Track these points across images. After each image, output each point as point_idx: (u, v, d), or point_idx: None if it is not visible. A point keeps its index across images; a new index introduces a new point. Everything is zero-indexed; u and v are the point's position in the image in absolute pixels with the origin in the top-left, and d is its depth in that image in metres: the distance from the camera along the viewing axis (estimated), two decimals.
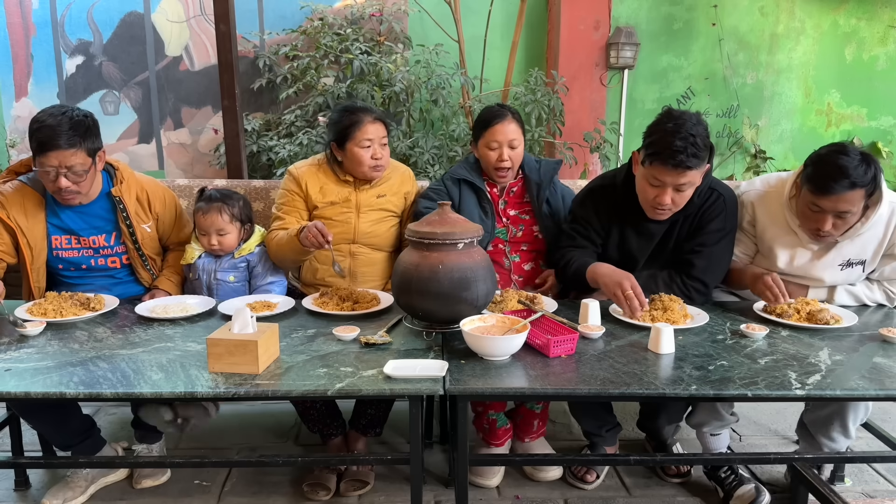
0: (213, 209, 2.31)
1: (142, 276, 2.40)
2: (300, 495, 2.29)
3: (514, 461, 2.45)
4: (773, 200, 2.27)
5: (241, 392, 1.56)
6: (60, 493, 2.22)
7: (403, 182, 2.58)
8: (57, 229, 2.26)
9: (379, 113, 2.46)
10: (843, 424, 2.11)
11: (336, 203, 2.45)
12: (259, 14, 4.79)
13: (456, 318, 1.87)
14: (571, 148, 4.37)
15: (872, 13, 4.99)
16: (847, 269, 2.23)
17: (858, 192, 2.00)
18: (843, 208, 2.03)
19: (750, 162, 5.13)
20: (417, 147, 4.22)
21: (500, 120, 2.44)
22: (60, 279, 2.32)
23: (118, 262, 2.35)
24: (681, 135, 2.01)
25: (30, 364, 1.70)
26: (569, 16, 4.72)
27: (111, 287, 2.34)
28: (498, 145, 2.43)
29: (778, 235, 2.26)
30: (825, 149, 2.08)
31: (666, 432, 2.49)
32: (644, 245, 2.30)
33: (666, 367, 1.70)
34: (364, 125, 2.37)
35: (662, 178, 2.07)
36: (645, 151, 2.12)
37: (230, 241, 2.34)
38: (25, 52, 4.78)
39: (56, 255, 2.27)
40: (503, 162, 2.43)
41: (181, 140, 4.95)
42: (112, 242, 2.32)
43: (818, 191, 2.02)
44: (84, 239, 2.28)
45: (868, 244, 2.20)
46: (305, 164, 2.52)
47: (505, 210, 2.55)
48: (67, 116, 2.07)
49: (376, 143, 2.40)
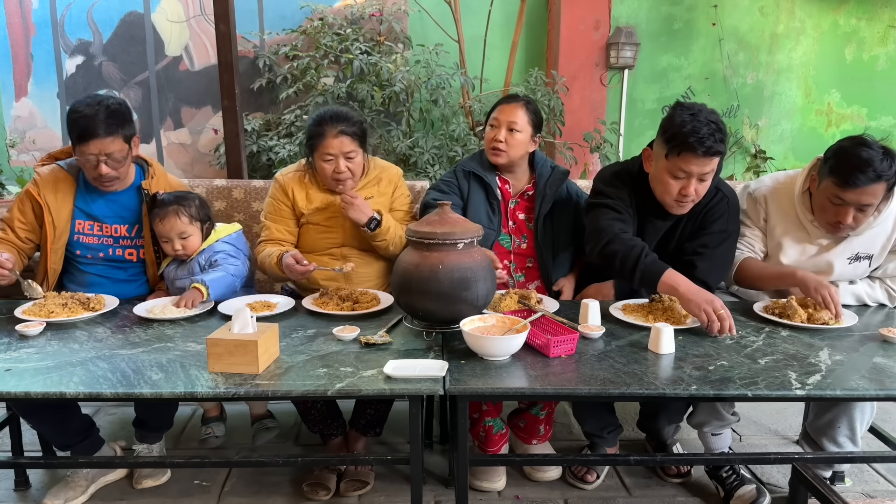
0: (169, 213, 2.24)
1: (151, 276, 2.41)
2: (300, 495, 2.29)
3: (514, 461, 2.45)
4: (784, 196, 2.28)
5: (241, 392, 1.56)
6: (61, 493, 2.22)
7: (390, 181, 2.54)
8: (82, 213, 2.32)
9: (348, 125, 2.34)
10: (850, 427, 2.09)
11: (322, 209, 2.42)
12: (259, 14, 4.79)
13: (456, 318, 1.87)
14: (571, 148, 4.37)
15: (872, 13, 4.99)
16: (855, 262, 2.24)
17: (882, 185, 2.02)
18: (866, 201, 2.04)
19: (750, 162, 5.13)
20: (417, 147, 4.21)
21: (508, 102, 2.46)
22: (75, 266, 2.35)
23: (135, 255, 2.37)
24: (702, 122, 2.03)
25: (30, 364, 1.70)
26: (569, 16, 4.72)
27: (119, 286, 2.35)
28: (497, 124, 2.44)
29: (788, 231, 2.26)
30: (846, 141, 2.09)
31: (666, 432, 2.49)
32: (647, 241, 2.30)
33: (666, 367, 1.70)
34: (326, 139, 2.32)
35: (689, 167, 2.06)
36: (668, 145, 2.08)
37: (193, 243, 2.29)
38: (25, 52, 4.78)
39: (77, 238, 2.32)
40: (497, 142, 2.42)
41: (181, 140, 4.95)
42: (133, 234, 2.36)
43: (843, 183, 2.03)
44: (107, 226, 2.33)
45: (877, 239, 2.21)
46: (291, 171, 2.49)
47: (514, 211, 2.52)
48: (104, 105, 2.16)
49: (340, 157, 2.33)
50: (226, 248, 2.34)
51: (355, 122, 2.38)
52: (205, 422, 2.62)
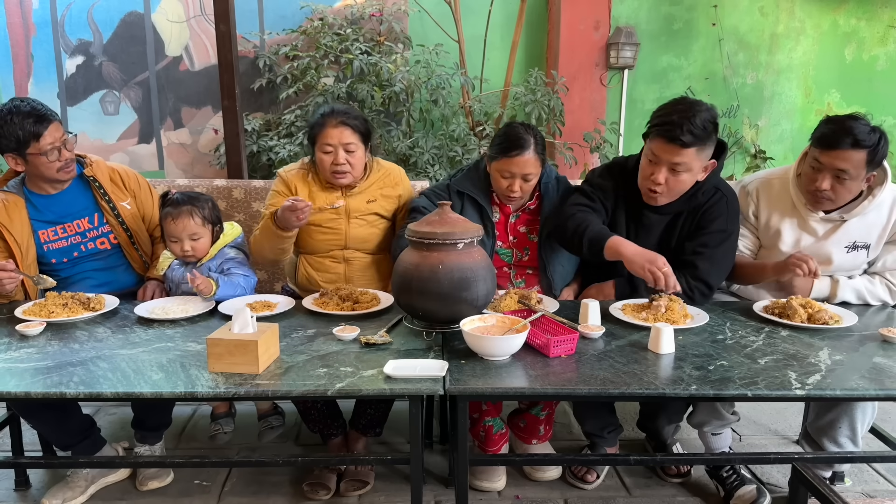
0: (183, 213, 2.21)
1: (133, 259, 2.43)
2: (300, 495, 2.29)
3: (514, 461, 2.45)
4: (777, 183, 2.32)
5: (241, 392, 1.56)
6: (60, 493, 2.22)
7: (396, 185, 2.51)
8: (42, 223, 2.33)
9: (349, 117, 2.33)
10: (851, 427, 2.09)
11: (325, 209, 2.39)
12: (259, 14, 4.79)
13: (456, 318, 1.87)
14: (571, 148, 4.37)
15: (872, 13, 4.99)
16: (853, 251, 2.25)
17: (860, 153, 2.04)
18: (841, 165, 2.07)
19: (750, 162, 5.13)
20: (417, 147, 4.22)
21: (520, 152, 2.25)
22: (56, 276, 2.33)
23: (107, 242, 2.39)
24: (681, 111, 2.05)
25: (30, 364, 1.70)
26: (569, 16, 4.72)
27: (104, 274, 2.37)
28: (511, 175, 2.29)
29: (784, 216, 2.29)
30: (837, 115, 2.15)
31: (666, 432, 2.49)
32: (644, 238, 2.29)
33: (666, 367, 1.70)
34: (326, 129, 2.31)
35: (659, 152, 2.10)
36: (648, 126, 2.16)
37: (203, 245, 2.27)
38: (25, 52, 4.78)
39: (47, 248, 2.33)
40: (513, 192, 2.31)
41: (181, 140, 4.95)
42: (97, 223, 2.37)
43: (820, 145, 2.09)
44: (69, 225, 2.34)
45: (873, 227, 2.23)
46: (295, 169, 2.48)
47: (514, 226, 2.45)
48: (28, 102, 2.20)
49: (339, 148, 2.31)
50: (236, 256, 2.34)
51: (358, 117, 2.37)
52: (214, 418, 2.62)
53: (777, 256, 2.26)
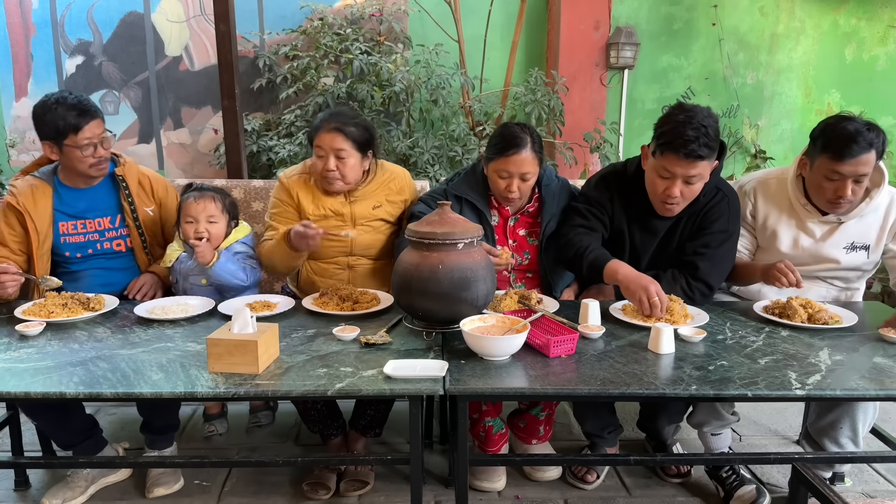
0: (206, 195, 2.30)
1: (141, 262, 2.43)
2: (300, 495, 2.29)
3: (514, 461, 2.45)
4: (774, 184, 2.31)
5: (241, 392, 1.56)
6: (60, 493, 2.22)
7: (402, 190, 2.49)
8: (64, 216, 2.34)
9: (346, 124, 2.29)
10: (852, 428, 2.09)
11: (329, 216, 2.37)
12: (259, 14, 4.79)
13: (456, 318, 1.87)
14: (571, 148, 4.37)
15: (872, 13, 4.98)
16: (852, 252, 2.25)
17: (873, 153, 2.06)
18: (862, 171, 2.07)
19: (750, 162, 5.13)
20: (417, 147, 4.21)
21: (517, 150, 2.23)
22: (65, 268, 2.35)
23: (123, 244, 2.40)
24: (692, 125, 2.01)
25: (30, 364, 1.70)
26: (569, 16, 4.72)
27: (113, 274, 2.37)
28: (508, 175, 2.26)
29: (781, 217, 2.28)
30: (830, 119, 2.14)
31: (666, 432, 2.49)
32: (648, 241, 2.30)
33: (666, 367, 1.70)
34: (320, 133, 2.30)
35: (673, 168, 2.07)
36: (656, 142, 2.12)
37: (218, 230, 2.29)
38: (25, 52, 4.78)
39: (63, 241, 2.34)
40: (511, 193, 2.28)
41: (181, 140, 4.95)
42: (117, 224, 2.39)
43: (839, 157, 2.06)
44: (90, 221, 2.36)
45: (870, 228, 2.23)
46: (296, 173, 2.44)
47: (514, 229, 2.42)
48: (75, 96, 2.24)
49: (330, 154, 2.28)
50: (246, 250, 2.37)
51: (355, 124, 2.32)
52: (207, 419, 2.62)
53: (774, 257, 2.26)
